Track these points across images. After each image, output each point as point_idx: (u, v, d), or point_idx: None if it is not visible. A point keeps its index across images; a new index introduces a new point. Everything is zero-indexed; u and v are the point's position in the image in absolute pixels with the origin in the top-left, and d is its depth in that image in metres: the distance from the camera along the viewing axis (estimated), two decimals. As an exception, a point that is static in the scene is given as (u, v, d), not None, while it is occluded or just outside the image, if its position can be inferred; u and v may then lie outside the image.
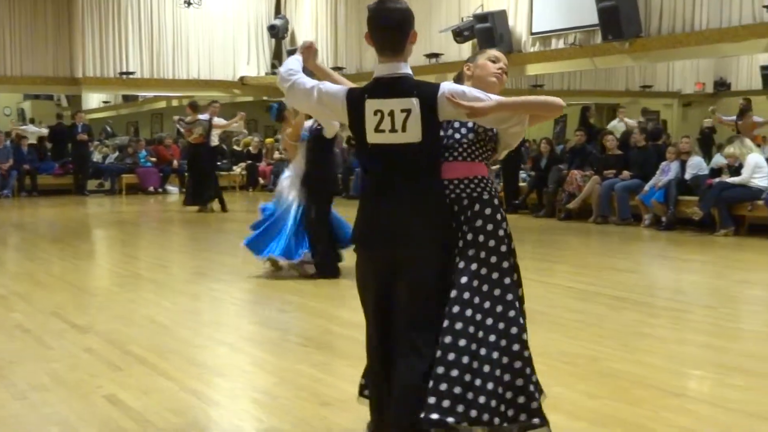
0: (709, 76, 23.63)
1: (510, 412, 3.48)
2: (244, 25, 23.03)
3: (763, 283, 8.96)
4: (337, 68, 21.07)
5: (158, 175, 20.54)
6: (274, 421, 4.37)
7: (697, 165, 12.91)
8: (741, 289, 8.55)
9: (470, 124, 3.63)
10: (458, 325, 3.48)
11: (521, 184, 15.70)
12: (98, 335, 6.17)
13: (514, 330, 3.53)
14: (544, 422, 3.54)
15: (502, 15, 16.16)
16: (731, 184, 11.91)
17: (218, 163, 17.86)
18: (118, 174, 20.65)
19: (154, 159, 20.99)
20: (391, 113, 3.46)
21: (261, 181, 21.59)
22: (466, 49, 17.07)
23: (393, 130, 3.46)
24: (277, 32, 22.82)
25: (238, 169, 21.81)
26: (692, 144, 13.93)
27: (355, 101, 3.56)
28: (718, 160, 13.24)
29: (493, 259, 3.58)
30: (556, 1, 15.44)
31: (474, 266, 3.55)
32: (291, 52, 21.90)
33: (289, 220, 8.48)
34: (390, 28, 3.56)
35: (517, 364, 3.50)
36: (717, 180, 12.20)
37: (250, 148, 22.34)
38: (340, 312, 7.04)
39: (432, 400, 3.41)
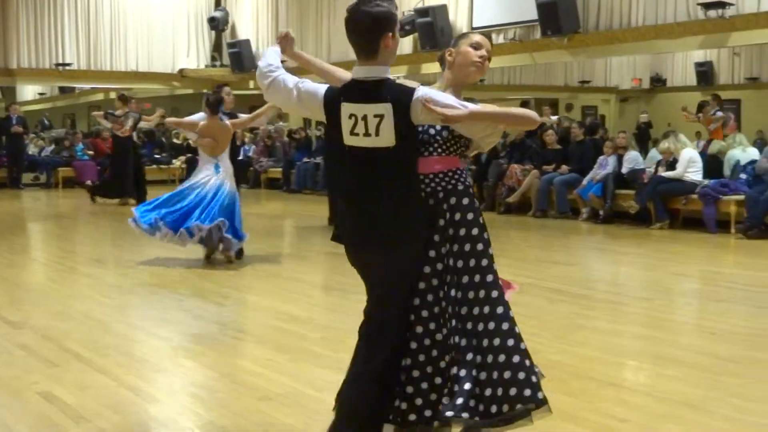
0: (646, 72, 24.03)
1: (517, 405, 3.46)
2: (184, 16, 22.74)
3: (696, 275, 9.12)
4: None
5: (96, 169, 20.17)
6: (213, 416, 4.34)
7: (633, 159, 13.08)
8: (675, 281, 8.69)
9: (443, 129, 3.61)
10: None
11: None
12: (33, 331, 6.06)
13: (505, 326, 3.57)
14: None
15: (442, 9, 16.19)
16: (666, 178, 12.10)
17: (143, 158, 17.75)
18: (54, 167, 20.28)
19: (91, 152, 20.64)
20: (365, 118, 3.42)
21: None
22: (407, 43, 17.08)
23: (367, 134, 3.43)
24: (218, 24, 22.61)
25: (177, 162, 21.59)
26: (629, 139, 14.12)
27: (330, 104, 3.53)
28: (654, 154, 13.44)
29: (480, 247, 3.62)
30: (496, -4, 15.54)
31: (460, 263, 3.58)
32: (231, 45, 21.81)
33: (193, 196, 8.85)
34: (357, 33, 3.51)
35: (516, 359, 3.53)
36: (652, 173, 12.38)
37: (190, 141, 22.08)
38: (280, 306, 7.01)
39: (446, 399, 3.46)
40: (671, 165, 12.26)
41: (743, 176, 11.89)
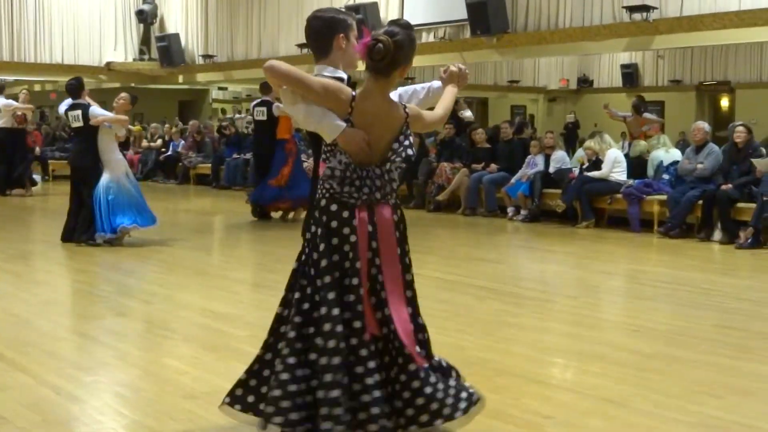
0: (573, 73, 24.41)
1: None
2: (111, 8, 22.38)
3: (621, 273, 9.25)
4: (208, 56, 20.79)
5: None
6: (138, 415, 4.27)
7: (560, 159, 13.24)
8: (601, 279, 8.81)
9: None
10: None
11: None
12: (-49, 329, 5.91)
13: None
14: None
15: (373, 7, 16.21)
16: (592, 177, 12.27)
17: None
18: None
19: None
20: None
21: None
22: (338, 40, 17.08)
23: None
24: (146, 17, 22.33)
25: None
26: (556, 138, 14.29)
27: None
28: (580, 154, 13.62)
29: None
30: (427, -5, 15.62)
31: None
32: (159, 39, 21.53)
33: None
34: (312, 35, 3.84)
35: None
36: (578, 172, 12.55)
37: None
38: (207, 303, 6.93)
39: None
40: (596, 164, 12.43)
41: (666, 176, 12.10)
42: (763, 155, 11.16)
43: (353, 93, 3.57)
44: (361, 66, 3.69)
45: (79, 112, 9.80)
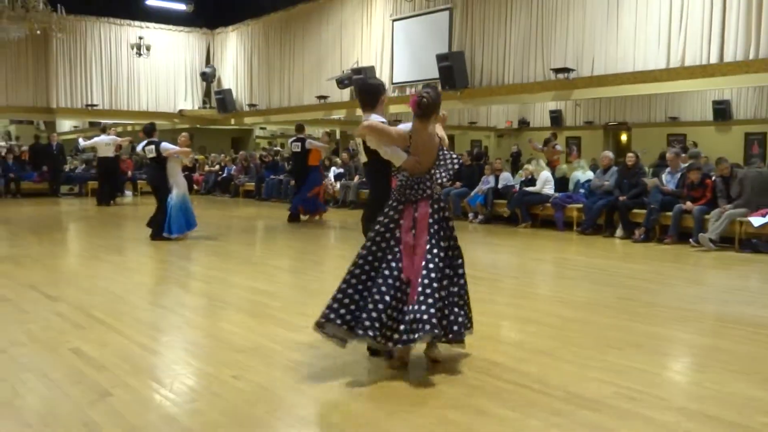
0: (515, 116, 24.40)
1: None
2: (182, 70, 22.40)
3: (550, 260, 9.25)
4: (252, 105, 20.78)
5: (118, 183, 19.68)
6: (201, 364, 4.27)
7: (506, 178, 13.25)
8: (535, 264, 8.83)
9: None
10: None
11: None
12: (66, 303, 5.89)
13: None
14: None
15: (372, 69, 16.24)
16: (529, 191, 12.28)
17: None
18: (85, 181, 19.68)
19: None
20: (356, 144, 4.49)
21: (195, 187, 21.14)
22: (346, 93, 17.08)
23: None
24: (208, 77, 22.38)
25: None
26: (503, 164, 14.29)
27: None
28: (520, 174, 13.62)
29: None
30: (409, 60, 15.62)
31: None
32: (217, 93, 21.54)
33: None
34: (365, 93, 4.45)
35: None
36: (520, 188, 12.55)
37: (186, 162, 21.75)
38: (252, 284, 6.92)
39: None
40: (532, 182, 12.44)
41: (582, 191, 12.13)
42: (646, 174, 11.21)
43: (410, 133, 4.14)
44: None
45: (153, 146, 9.90)
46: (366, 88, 4.45)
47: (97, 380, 3.90)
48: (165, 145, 9.93)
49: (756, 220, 9.34)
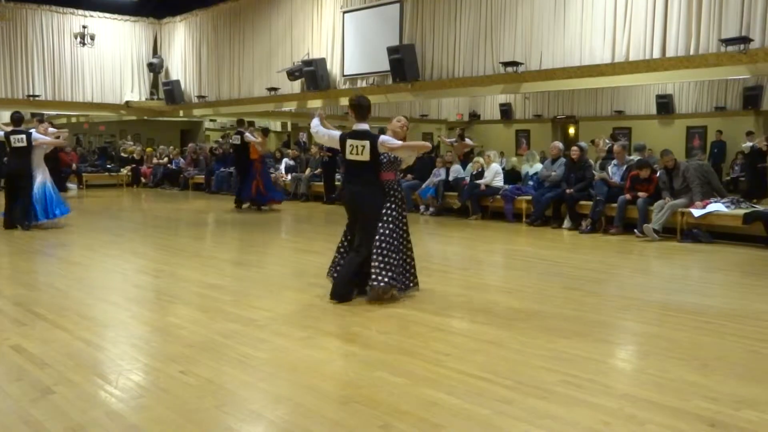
0: (466, 108, 24.58)
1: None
2: (129, 61, 21.88)
3: (499, 252, 9.35)
4: (201, 96, 20.45)
5: (60, 176, 19.13)
6: (148, 359, 4.19)
7: (457, 170, 13.35)
8: (485, 255, 8.90)
9: (390, 154, 5.73)
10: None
11: (337, 182, 15.72)
12: (6, 299, 5.70)
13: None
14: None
15: (322, 61, 16.14)
16: (479, 184, 12.38)
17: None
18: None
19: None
20: (355, 145, 5.68)
21: (143, 180, 20.73)
22: (297, 85, 16.94)
23: (357, 153, 5.69)
24: (155, 68, 21.92)
25: (124, 171, 20.82)
26: (454, 156, 14.38)
27: (342, 139, 5.78)
28: (470, 168, 13.73)
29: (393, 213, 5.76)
30: (360, 53, 15.57)
31: (386, 218, 5.71)
32: (165, 84, 21.11)
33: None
34: (361, 108, 5.78)
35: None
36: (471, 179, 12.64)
37: (134, 155, 21.34)
38: (201, 277, 6.82)
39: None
40: (482, 174, 12.55)
41: (531, 183, 12.29)
42: (591, 166, 11.42)
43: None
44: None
45: (23, 136, 10.20)
46: (366, 104, 5.79)
47: (39, 377, 3.79)
48: (36, 135, 10.23)
49: (696, 211, 9.63)
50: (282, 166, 17.61)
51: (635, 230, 9.98)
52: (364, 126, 5.75)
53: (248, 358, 4.16)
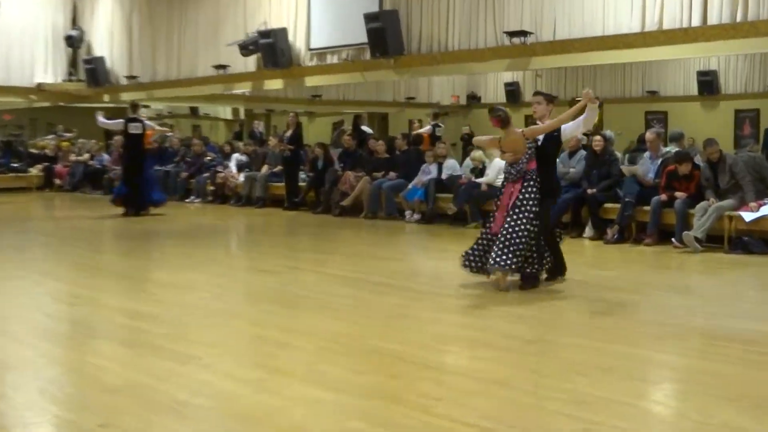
0: (463, 90, 24.64)
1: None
2: (42, 34, 21.74)
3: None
4: (131, 77, 20.34)
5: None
6: (60, 409, 4.11)
7: (451, 166, 13.35)
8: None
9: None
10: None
11: (301, 183, 15.69)
12: None
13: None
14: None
15: (283, 32, 16.09)
16: (480, 183, 12.39)
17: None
18: None
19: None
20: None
21: (57, 181, 20.58)
22: (251, 61, 16.88)
23: None
24: (74, 42, 21.81)
25: (34, 171, 20.66)
26: (448, 148, 14.40)
27: None
28: (468, 162, 13.74)
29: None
30: (331, 21, 15.54)
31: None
32: (87, 62, 20.97)
33: None
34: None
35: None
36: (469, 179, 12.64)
37: (47, 150, 21.20)
38: (128, 304, 6.75)
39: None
40: (481, 172, 12.56)
41: (544, 181, 12.27)
42: (618, 160, 11.45)
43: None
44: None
45: None
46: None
47: None
48: None
49: (748, 215, 9.68)
50: (232, 163, 17.53)
51: (673, 239, 10.03)
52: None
53: (186, 407, 4.11)
